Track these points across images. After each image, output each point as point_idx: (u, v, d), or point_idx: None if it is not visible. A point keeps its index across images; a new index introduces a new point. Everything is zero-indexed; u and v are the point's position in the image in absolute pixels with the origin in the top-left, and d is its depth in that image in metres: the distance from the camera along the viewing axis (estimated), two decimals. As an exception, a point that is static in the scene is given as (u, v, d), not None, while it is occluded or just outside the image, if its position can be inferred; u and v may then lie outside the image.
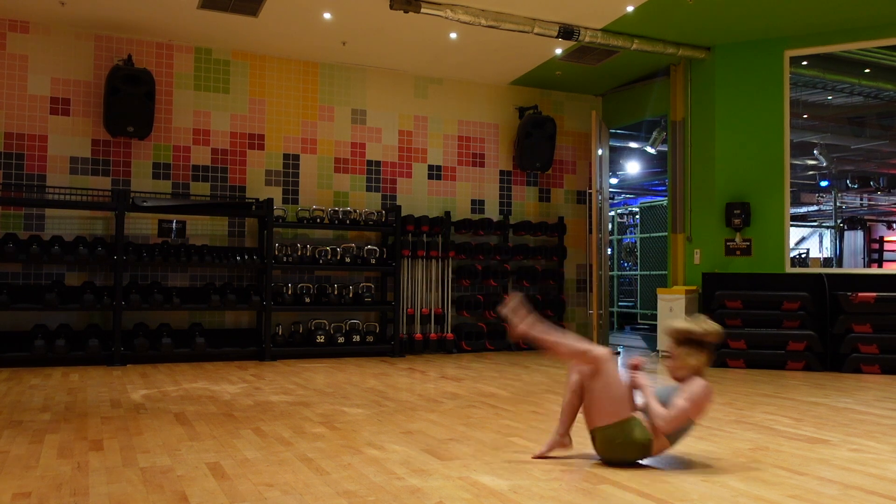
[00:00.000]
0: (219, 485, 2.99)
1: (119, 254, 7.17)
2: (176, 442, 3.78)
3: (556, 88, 9.87)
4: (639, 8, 7.09)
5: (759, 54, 8.12)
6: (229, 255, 7.81)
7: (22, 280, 7.33)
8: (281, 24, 7.50)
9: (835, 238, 15.92)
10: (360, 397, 5.36)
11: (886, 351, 7.06)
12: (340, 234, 8.71)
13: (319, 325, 8.07)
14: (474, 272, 8.97)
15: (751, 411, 4.85)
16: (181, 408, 4.81)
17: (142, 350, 7.19)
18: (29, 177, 7.45)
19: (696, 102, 8.58)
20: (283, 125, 8.50)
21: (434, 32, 7.70)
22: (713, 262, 8.27)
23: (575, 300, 9.95)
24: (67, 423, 4.25)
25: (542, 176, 9.88)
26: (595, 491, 2.97)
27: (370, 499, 2.82)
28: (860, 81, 9.58)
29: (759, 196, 8.09)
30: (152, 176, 7.89)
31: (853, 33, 7.73)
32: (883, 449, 3.80)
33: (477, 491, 2.94)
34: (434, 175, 9.24)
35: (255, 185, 8.32)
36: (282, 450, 3.63)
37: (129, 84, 7.36)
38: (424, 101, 9.23)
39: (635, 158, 14.09)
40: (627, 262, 13.52)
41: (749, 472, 3.30)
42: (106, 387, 5.70)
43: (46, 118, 7.54)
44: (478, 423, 4.38)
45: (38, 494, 2.83)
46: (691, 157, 8.60)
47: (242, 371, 6.81)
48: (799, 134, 9.99)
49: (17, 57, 7.46)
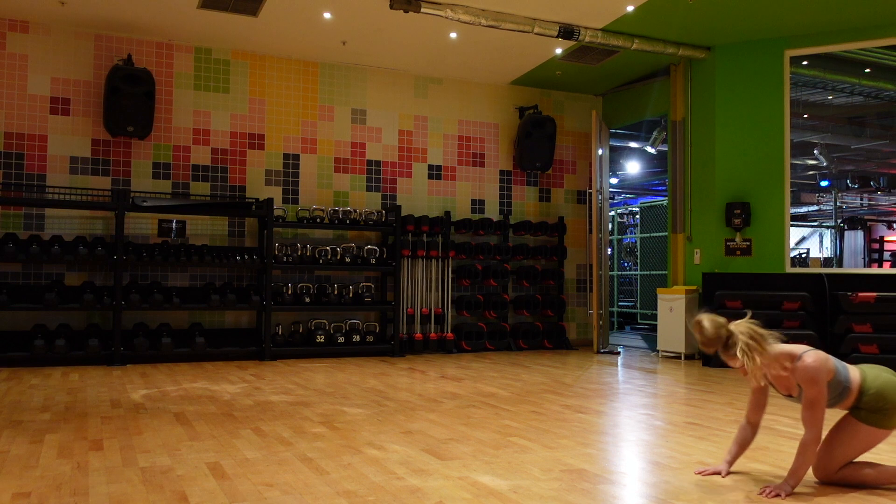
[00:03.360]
0: (219, 485, 2.99)
1: (119, 253, 7.17)
2: (176, 442, 3.78)
3: (556, 88, 9.87)
4: (639, 8, 7.09)
5: (759, 54, 8.12)
6: (229, 254, 7.80)
7: (22, 280, 7.33)
8: (281, 23, 7.50)
9: (835, 238, 15.92)
10: (360, 397, 5.36)
11: (886, 351, 7.05)
12: (340, 233, 8.71)
13: (319, 325, 8.07)
14: (474, 272, 8.96)
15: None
16: (181, 408, 4.81)
17: (142, 350, 7.18)
18: (29, 176, 7.44)
19: (696, 102, 8.58)
20: (283, 125, 8.50)
21: (434, 32, 7.70)
22: (713, 261, 8.26)
23: (575, 300, 9.95)
24: (67, 423, 4.24)
25: (542, 176, 9.88)
26: (595, 491, 2.97)
27: (370, 499, 2.82)
28: (860, 81, 9.58)
29: (759, 196, 8.09)
30: (152, 176, 7.89)
31: (853, 33, 7.72)
32: (883, 449, 3.79)
33: (477, 491, 2.93)
34: (434, 175, 9.24)
35: (255, 184, 8.32)
36: (282, 450, 3.63)
37: (128, 84, 7.36)
38: (424, 100, 9.23)
39: (635, 158, 14.09)
40: (627, 262, 13.52)
41: (749, 472, 3.30)
42: (106, 387, 5.70)
43: (46, 118, 7.53)
44: (478, 423, 4.37)
45: (37, 494, 2.83)
46: (691, 156, 8.60)
47: (242, 371, 6.81)
48: (799, 134, 9.99)
49: (17, 57, 7.45)
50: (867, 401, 2.97)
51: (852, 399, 3.00)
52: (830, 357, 3.02)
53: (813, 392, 2.92)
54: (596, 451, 3.71)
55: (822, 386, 2.92)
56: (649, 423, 4.50)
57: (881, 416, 2.97)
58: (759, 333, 2.95)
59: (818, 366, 2.92)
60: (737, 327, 2.98)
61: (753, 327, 2.97)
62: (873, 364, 3.16)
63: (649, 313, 11.67)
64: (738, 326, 2.98)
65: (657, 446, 3.85)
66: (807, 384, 2.93)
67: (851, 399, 3.00)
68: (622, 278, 13.34)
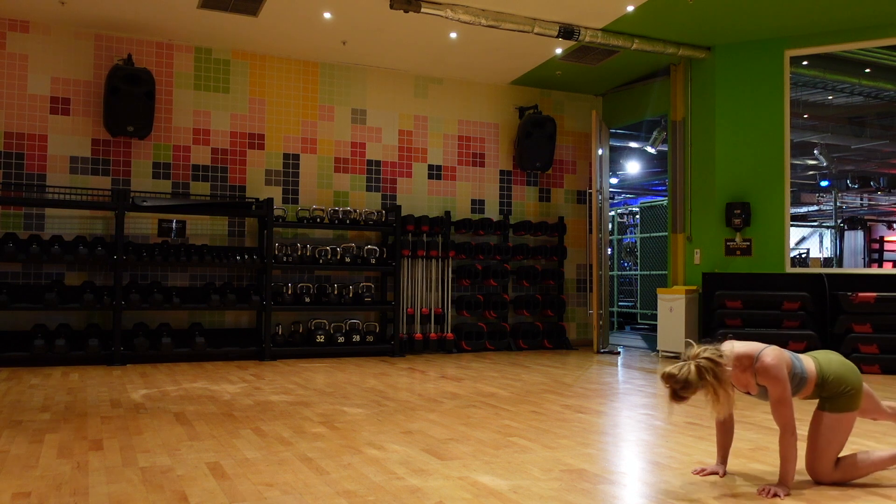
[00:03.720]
0: (219, 485, 2.99)
1: (119, 253, 7.17)
2: (176, 442, 3.78)
3: (556, 88, 9.87)
4: (639, 8, 7.09)
5: (759, 54, 8.12)
6: (229, 254, 7.80)
7: (22, 280, 7.33)
8: (281, 23, 7.50)
9: (835, 238, 15.93)
10: (360, 397, 5.36)
11: (886, 351, 7.05)
12: (340, 233, 8.71)
13: (319, 325, 8.07)
14: (474, 272, 8.96)
15: (751, 411, 4.85)
16: (181, 407, 4.81)
17: (142, 350, 7.18)
18: (29, 176, 7.44)
19: (696, 102, 8.58)
20: (283, 125, 8.50)
21: (434, 32, 7.69)
22: (713, 261, 8.26)
23: (575, 300, 9.95)
24: (67, 423, 4.24)
25: (542, 176, 9.88)
26: (595, 491, 2.97)
27: (370, 499, 2.82)
28: (860, 81, 9.58)
29: (759, 196, 8.09)
30: (152, 175, 7.89)
31: (853, 33, 7.72)
32: (882, 449, 3.79)
33: (477, 491, 2.93)
34: (434, 175, 9.24)
35: (255, 184, 8.32)
36: (282, 450, 3.63)
37: (129, 84, 7.36)
38: (424, 100, 9.23)
39: (635, 158, 14.09)
40: (627, 262, 13.52)
41: (749, 472, 3.30)
42: (106, 386, 5.70)
43: (46, 118, 7.53)
44: (478, 423, 4.37)
45: (37, 494, 2.83)
46: (691, 156, 8.60)
47: (242, 371, 6.81)
48: (799, 134, 9.99)
49: (17, 56, 7.45)
50: (830, 388, 3.05)
51: (811, 388, 3.07)
52: (784, 350, 3.09)
53: (778, 389, 2.97)
54: (596, 451, 3.71)
55: (785, 382, 2.97)
56: (649, 423, 4.50)
57: (846, 399, 3.05)
58: (714, 353, 2.90)
59: (778, 363, 2.99)
60: (695, 360, 2.90)
61: (707, 354, 2.90)
62: (819, 350, 3.28)
63: (649, 313, 11.68)
64: (694, 359, 2.90)
65: (657, 446, 3.85)
66: (771, 383, 2.98)
67: (810, 388, 3.07)
68: (622, 278, 13.34)
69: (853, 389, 3.06)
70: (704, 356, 2.89)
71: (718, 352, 2.93)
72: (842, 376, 3.06)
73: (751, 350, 3.05)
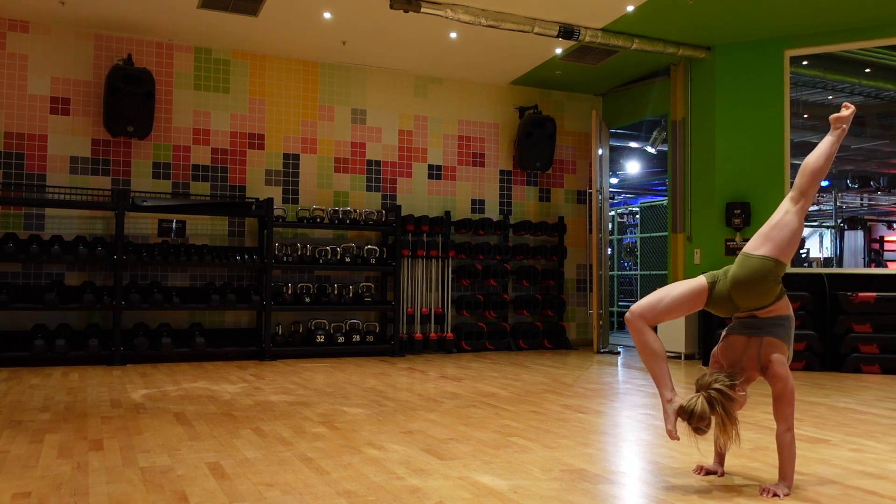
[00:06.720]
0: (219, 485, 2.99)
1: (119, 253, 7.17)
2: (176, 442, 3.78)
3: (556, 88, 9.87)
4: (639, 7, 7.09)
5: (759, 54, 8.12)
6: (229, 254, 7.80)
7: (22, 280, 7.33)
8: (281, 23, 7.50)
9: (835, 238, 15.93)
10: (360, 397, 5.36)
11: (886, 351, 7.05)
12: (340, 233, 8.71)
13: (319, 325, 8.07)
14: (474, 272, 8.96)
15: (751, 411, 4.85)
16: (181, 407, 4.81)
17: (142, 350, 7.19)
18: (29, 176, 7.44)
19: (696, 102, 8.58)
20: (283, 125, 8.50)
21: (434, 32, 7.69)
22: (713, 261, 8.25)
23: (575, 300, 9.95)
24: (67, 423, 4.24)
25: (542, 176, 9.88)
26: (595, 491, 2.97)
27: (370, 498, 2.82)
28: (860, 81, 9.57)
29: (759, 196, 8.09)
30: (152, 175, 7.89)
31: (853, 33, 7.72)
32: (883, 449, 3.80)
33: (477, 491, 2.93)
34: (434, 175, 9.24)
35: (255, 184, 8.32)
36: (282, 450, 3.63)
37: (128, 84, 7.36)
38: (424, 100, 9.23)
39: (635, 158, 14.08)
40: (627, 262, 13.52)
41: (749, 471, 3.30)
42: (106, 386, 5.70)
43: (46, 118, 7.53)
44: (478, 423, 4.37)
45: (37, 494, 2.83)
46: (691, 156, 8.60)
47: (242, 371, 6.81)
48: (799, 134, 9.98)
49: (17, 56, 7.45)
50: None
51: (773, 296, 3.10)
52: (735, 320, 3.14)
53: (780, 386, 2.96)
54: (596, 451, 3.71)
55: (790, 381, 2.96)
56: (649, 423, 4.50)
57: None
58: (726, 382, 2.89)
59: (784, 365, 2.97)
60: (706, 390, 2.90)
61: (718, 385, 2.89)
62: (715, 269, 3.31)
63: (649, 313, 11.63)
64: (706, 389, 2.90)
65: (657, 446, 3.85)
66: (775, 381, 2.97)
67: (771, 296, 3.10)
68: (622, 278, 13.34)
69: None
70: (716, 387, 2.87)
71: (731, 380, 2.90)
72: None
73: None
